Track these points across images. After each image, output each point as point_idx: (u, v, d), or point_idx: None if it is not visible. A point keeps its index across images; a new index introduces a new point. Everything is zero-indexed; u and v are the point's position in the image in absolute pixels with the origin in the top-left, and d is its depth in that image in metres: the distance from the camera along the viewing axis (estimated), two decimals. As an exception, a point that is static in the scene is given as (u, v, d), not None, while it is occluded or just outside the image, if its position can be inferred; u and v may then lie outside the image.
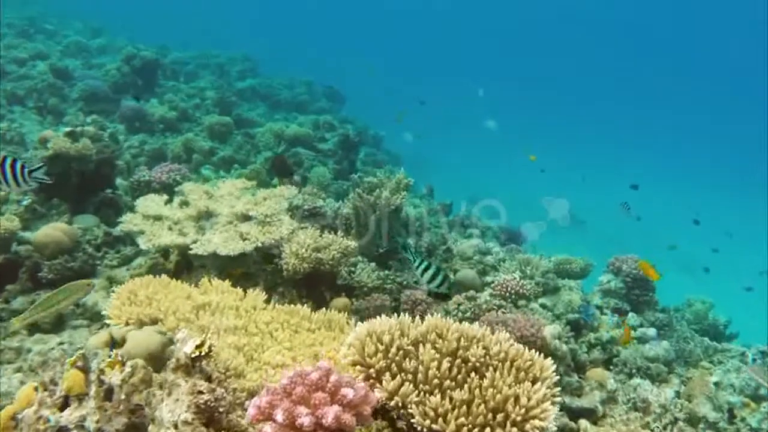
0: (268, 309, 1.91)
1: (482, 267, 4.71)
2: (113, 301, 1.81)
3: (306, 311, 1.90)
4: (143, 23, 19.86)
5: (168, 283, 2.01)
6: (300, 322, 1.82)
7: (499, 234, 7.55)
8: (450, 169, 18.76)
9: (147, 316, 1.72)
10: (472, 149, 21.98)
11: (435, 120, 22.15)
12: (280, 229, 3.24)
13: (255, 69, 13.76)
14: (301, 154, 7.30)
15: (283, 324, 1.80)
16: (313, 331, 1.82)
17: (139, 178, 4.53)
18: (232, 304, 1.87)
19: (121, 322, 1.70)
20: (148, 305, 1.78)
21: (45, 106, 7.12)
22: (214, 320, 1.73)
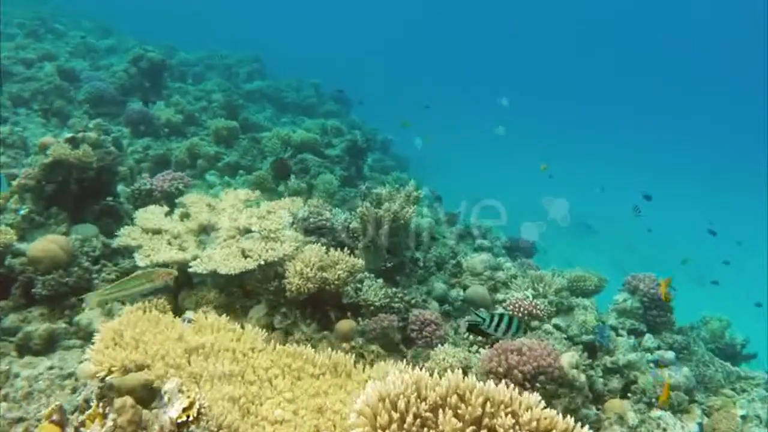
0: (267, 350, 1.76)
1: (493, 283, 4.54)
2: (96, 344, 1.67)
3: (309, 353, 1.75)
4: (153, 22, 19.86)
5: (158, 321, 1.86)
6: (303, 366, 1.68)
7: (508, 244, 7.38)
8: (458, 173, 18.58)
9: (133, 361, 1.57)
10: (481, 154, 21.79)
11: (444, 124, 22.00)
12: (284, 246, 3.10)
13: (263, 70, 13.66)
14: (308, 161, 7.16)
15: (284, 369, 1.65)
16: (317, 377, 1.67)
17: (140, 187, 4.40)
18: (228, 345, 1.72)
19: (103, 369, 1.56)
20: (135, 348, 1.63)
21: (50, 108, 7.02)
22: (207, 366, 1.58)
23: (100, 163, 4.31)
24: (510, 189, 16.82)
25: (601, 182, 22.57)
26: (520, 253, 7.51)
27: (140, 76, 8.45)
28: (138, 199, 4.42)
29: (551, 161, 20.32)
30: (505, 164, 21.77)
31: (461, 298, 4.43)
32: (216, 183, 6.68)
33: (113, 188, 4.65)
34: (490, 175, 20.11)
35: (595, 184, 13.88)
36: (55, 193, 4.15)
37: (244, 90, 12.04)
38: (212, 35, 19.31)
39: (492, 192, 16.08)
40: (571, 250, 20.51)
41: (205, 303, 3.17)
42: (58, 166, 4.11)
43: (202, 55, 13.41)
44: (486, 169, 21.21)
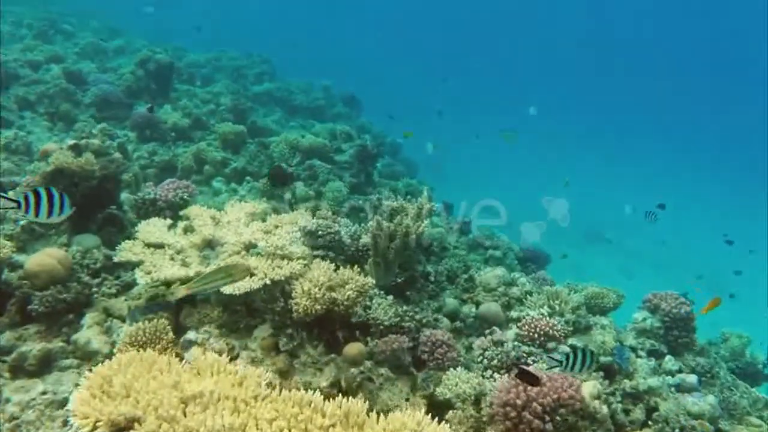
0: (271, 398, 1.61)
1: (507, 300, 4.38)
2: (81, 392, 1.53)
3: (318, 401, 1.60)
4: (162, 23, 19.84)
5: (152, 363, 1.72)
6: (311, 417, 1.53)
7: (521, 254, 7.20)
8: (467, 179, 18.42)
9: (122, 414, 1.44)
10: (493, 159, 21.61)
11: (455, 127, 21.87)
12: (291, 264, 2.95)
13: (272, 72, 13.54)
14: (317, 167, 7.02)
15: (290, 421, 1.50)
16: (326, 430, 1.52)
17: (144, 196, 4.28)
18: (228, 392, 1.57)
19: (88, 425, 1.42)
20: (125, 398, 1.49)
21: (56, 112, 6.93)
22: (205, 419, 1.44)
23: (103, 172, 4.19)
24: (522, 194, 16.63)
25: (613, 188, 22.38)
26: (533, 264, 7.35)
27: (147, 78, 8.36)
28: (141, 209, 4.30)
29: (562, 167, 20.10)
30: (517, 170, 21.58)
31: (473, 314, 4.27)
32: (222, 190, 6.56)
33: (117, 197, 4.53)
34: (501, 181, 19.95)
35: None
36: (56, 202, 4.03)
37: (253, 92, 11.94)
38: (222, 36, 19.28)
39: (502, 198, 15.91)
40: (581, 257, 20.32)
41: (208, 322, 3.03)
42: (60, 175, 4.00)
43: (210, 56, 13.34)
44: (497, 174, 21.03)
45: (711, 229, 22.03)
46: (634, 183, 25.78)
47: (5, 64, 7.15)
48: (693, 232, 22.52)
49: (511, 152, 20.62)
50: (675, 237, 22.23)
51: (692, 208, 24.33)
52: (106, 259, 3.78)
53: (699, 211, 24.12)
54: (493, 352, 3.31)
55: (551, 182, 15.70)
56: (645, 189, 25.94)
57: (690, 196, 25.13)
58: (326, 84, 14.14)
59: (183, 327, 3.13)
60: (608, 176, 25.81)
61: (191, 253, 3.20)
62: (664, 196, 23.31)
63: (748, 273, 14.68)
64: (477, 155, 21.24)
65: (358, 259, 4.21)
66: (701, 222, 23.06)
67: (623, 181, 26.25)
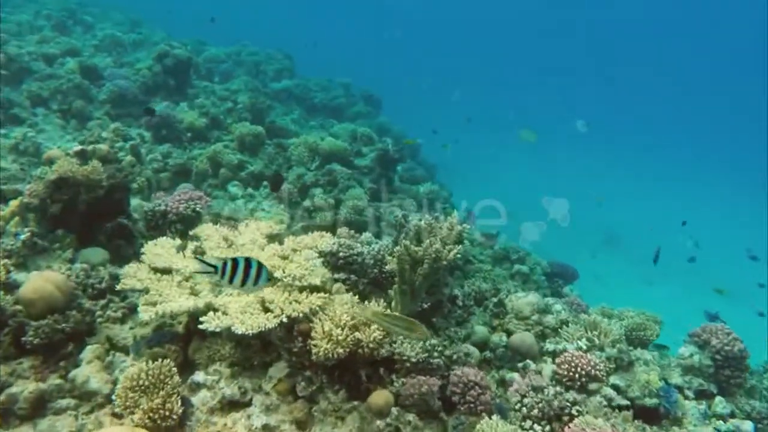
0: None
1: (541, 329, 4.04)
2: None
3: None
4: (184, 15, 19.67)
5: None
6: None
7: (548, 270, 6.83)
8: (487, 181, 18.00)
9: None
10: (512, 160, 21.18)
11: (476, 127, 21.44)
12: (311, 299, 2.65)
13: (292, 68, 13.25)
14: (336, 172, 6.71)
15: None
16: None
17: (155, 208, 4.00)
18: None
19: None
20: None
21: (69, 109, 6.71)
22: None
23: (110, 181, 3.93)
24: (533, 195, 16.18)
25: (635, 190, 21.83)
26: (561, 279, 6.98)
27: (165, 74, 8.11)
28: (151, 221, 4.03)
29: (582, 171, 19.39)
30: (538, 172, 21.11)
31: (504, 344, 3.94)
32: (238, 195, 6.29)
33: (126, 206, 4.27)
34: (522, 184, 19.48)
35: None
36: (61, 213, 3.78)
37: (272, 89, 11.67)
38: (243, 30, 19.05)
39: (524, 203, 15.58)
40: (601, 263, 19.83)
41: (218, 359, 2.74)
42: (64, 184, 3.74)
43: (230, 50, 13.09)
44: (515, 176, 20.57)
45: (731, 236, 21.45)
46: (652, 186, 25.22)
47: (19, 57, 6.94)
48: (712, 238, 21.94)
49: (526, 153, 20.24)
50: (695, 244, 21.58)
51: (711, 213, 23.75)
52: (112, 279, 3.51)
53: (718, 216, 23.52)
54: (533, 399, 2.98)
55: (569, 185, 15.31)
56: (664, 192, 25.37)
57: (709, 201, 24.53)
58: (346, 82, 13.82)
59: (192, 362, 2.85)
60: (627, 179, 25.26)
61: (201, 280, 2.91)
62: (681, 200, 22.69)
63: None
64: (496, 157, 20.88)
65: (381, 282, 3.90)
66: (721, 228, 22.47)
67: (642, 184, 25.68)
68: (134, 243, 4.20)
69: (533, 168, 21.71)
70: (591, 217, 20.94)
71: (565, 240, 20.37)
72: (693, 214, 23.89)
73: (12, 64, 6.90)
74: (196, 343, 2.86)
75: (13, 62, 6.90)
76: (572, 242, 20.19)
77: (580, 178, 23.36)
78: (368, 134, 7.83)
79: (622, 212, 22.89)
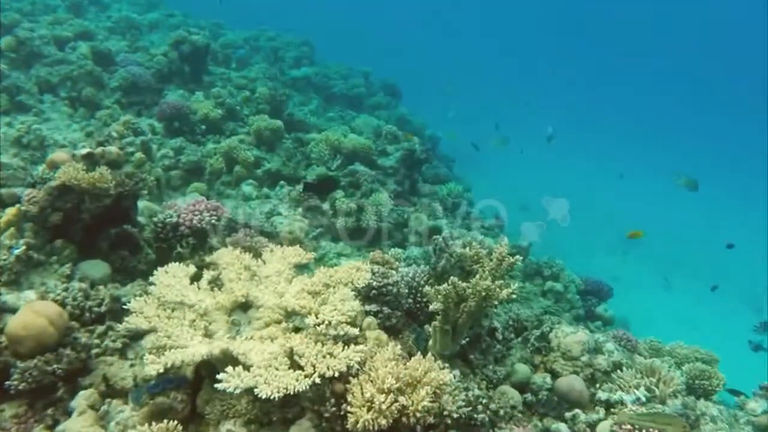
0: None
1: (591, 372, 3.61)
2: None
3: None
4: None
5: None
6: None
7: (582, 287, 6.39)
8: (506, 174, 17.44)
9: None
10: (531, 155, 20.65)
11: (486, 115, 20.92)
12: (348, 353, 2.23)
13: (311, 55, 12.75)
14: (359, 173, 6.28)
15: None
16: None
17: (165, 220, 3.60)
18: None
19: None
20: None
21: (78, 96, 6.31)
22: None
23: (119, 189, 3.53)
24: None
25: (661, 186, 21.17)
26: (595, 297, 6.54)
27: (181, 61, 7.68)
28: (161, 233, 3.63)
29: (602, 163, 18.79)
30: (554, 165, 20.50)
31: (549, 386, 3.52)
32: (253, 195, 5.89)
33: (133, 215, 3.87)
34: (539, 178, 18.92)
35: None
36: (62, 223, 3.39)
37: (290, 77, 11.22)
38: (263, 13, 18.51)
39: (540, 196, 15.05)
40: (618, 264, 19.30)
41: (232, 416, 2.35)
42: (68, 192, 3.34)
43: (248, 35, 12.62)
44: (533, 170, 19.96)
45: (750, 238, 20.85)
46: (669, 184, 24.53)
47: (30, 41, 6.54)
48: (732, 239, 21.38)
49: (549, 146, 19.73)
50: (713, 245, 21.09)
51: (730, 214, 23.15)
52: (114, 301, 3.13)
53: (738, 217, 22.92)
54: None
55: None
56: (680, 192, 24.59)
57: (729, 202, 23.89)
58: (366, 70, 13.31)
59: (201, 414, 2.46)
60: (645, 177, 24.64)
61: (217, 318, 2.51)
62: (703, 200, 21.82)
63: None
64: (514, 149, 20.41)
65: (415, 314, 3.49)
66: (740, 229, 21.89)
67: (659, 181, 25.00)
68: (140, 252, 3.82)
69: (552, 163, 21.10)
70: (607, 216, 20.37)
71: (581, 238, 19.85)
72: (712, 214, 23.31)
73: (22, 48, 6.50)
74: (207, 393, 2.47)
75: (24, 46, 6.50)
76: (589, 240, 19.69)
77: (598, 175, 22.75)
78: (393, 132, 7.37)
79: (641, 211, 22.31)
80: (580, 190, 21.97)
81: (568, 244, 18.07)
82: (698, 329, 16.15)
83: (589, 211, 20.53)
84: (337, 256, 5.59)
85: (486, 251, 3.25)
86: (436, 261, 3.67)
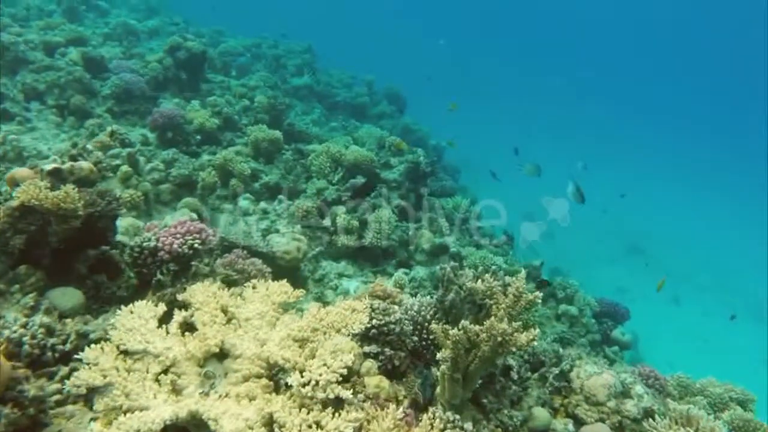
0: None
1: (619, 420, 3.20)
2: None
3: None
4: (204, 4, 18.93)
5: None
6: None
7: (597, 309, 5.98)
8: (513, 183, 17.10)
9: None
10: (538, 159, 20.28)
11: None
12: (338, 425, 1.84)
13: (313, 63, 12.41)
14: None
15: None
16: None
17: (143, 244, 3.23)
18: None
19: None
20: None
21: (67, 104, 5.98)
22: None
23: (89, 209, 3.16)
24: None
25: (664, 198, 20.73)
26: (611, 320, 6.13)
27: (177, 68, 7.35)
28: (138, 260, 3.26)
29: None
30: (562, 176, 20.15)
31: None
32: (250, 210, 5.53)
33: (111, 235, 3.51)
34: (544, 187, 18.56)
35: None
36: (26, 247, 3.03)
37: (292, 85, 10.90)
38: (265, 20, 18.27)
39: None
40: (624, 276, 18.84)
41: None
42: (31, 212, 2.98)
43: (249, 42, 12.31)
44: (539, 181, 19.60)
45: (757, 250, 20.44)
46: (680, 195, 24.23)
47: (14, 46, 6.22)
48: (737, 251, 21.07)
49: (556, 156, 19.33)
50: (720, 257, 20.73)
51: (736, 225, 22.77)
52: (80, 338, 2.76)
53: (743, 228, 22.54)
54: None
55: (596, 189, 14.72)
56: (690, 202, 24.19)
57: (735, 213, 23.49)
58: (370, 79, 12.98)
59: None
60: (653, 188, 24.29)
61: (188, 370, 2.13)
62: (708, 211, 21.52)
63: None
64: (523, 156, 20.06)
65: (420, 353, 3.10)
66: (745, 240, 21.51)
67: (667, 193, 24.68)
68: (120, 277, 3.46)
69: (559, 170, 20.77)
70: (613, 225, 19.91)
71: (586, 248, 19.40)
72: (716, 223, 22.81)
73: (6, 53, 6.18)
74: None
75: (8, 51, 6.19)
76: (593, 250, 19.24)
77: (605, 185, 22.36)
78: (397, 143, 6.99)
79: (647, 221, 21.91)
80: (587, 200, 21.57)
81: (574, 254, 17.66)
82: (708, 341, 15.68)
83: (596, 221, 20.15)
84: (338, 276, 5.21)
85: (500, 284, 2.87)
86: (443, 294, 3.27)
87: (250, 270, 4.39)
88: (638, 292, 18.47)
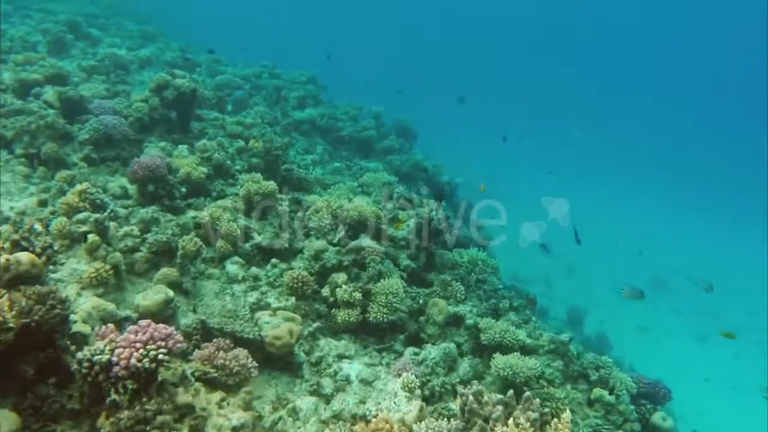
0: None
1: None
2: None
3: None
4: (204, 27, 18.56)
5: None
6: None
7: (634, 391, 5.23)
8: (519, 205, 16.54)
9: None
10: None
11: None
12: None
13: (317, 95, 11.78)
14: (366, 251, 5.21)
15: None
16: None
17: (93, 357, 2.52)
18: None
19: None
20: None
21: (37, 153, 5.35)
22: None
23: (23, 320, 2.47)
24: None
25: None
26: (650, 402, 5.37)
27: (164, 108, 6.72)
28: (86, 378, 2.56)
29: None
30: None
31: None
32: (239, 276, 4.84)
33: (59, 339, 2.81)
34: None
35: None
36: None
37: (294, 119, 10.28)
38: (266, 48, 17.82)
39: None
40: (648, 311, 17.94)
41: None
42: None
43: (249, 72, 11.73)
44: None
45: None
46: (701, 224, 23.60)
47: (-18, 87, 5.61)
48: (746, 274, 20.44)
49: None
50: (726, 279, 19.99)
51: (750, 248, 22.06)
52: None
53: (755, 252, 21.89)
54: None
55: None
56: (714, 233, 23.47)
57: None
58: (377, 110, 12.30)
59: None
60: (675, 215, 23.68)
61: None
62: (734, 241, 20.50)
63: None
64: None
65: None
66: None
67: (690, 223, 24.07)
68: (70, 385, 2.76)
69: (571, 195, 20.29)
70: (634, 257, 19.10)
71: (606, 281, 18.55)
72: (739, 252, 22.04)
73: (-27, 95, 5.57)
74: None
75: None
76: (614, 284, 18.45)
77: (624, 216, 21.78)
78: (407, 195, 6.31)
79: (670, 254, 21.20)
80: (607, 225, 20.92)
81: (597, 291, 16.84)
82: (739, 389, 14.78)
83: (616, 252, 19.39)
84: (338, 359, 4.50)
85: (532, 423, 2.16)
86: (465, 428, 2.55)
87: (232, 366, 3.68)
88: (662, 330, 17.64)
